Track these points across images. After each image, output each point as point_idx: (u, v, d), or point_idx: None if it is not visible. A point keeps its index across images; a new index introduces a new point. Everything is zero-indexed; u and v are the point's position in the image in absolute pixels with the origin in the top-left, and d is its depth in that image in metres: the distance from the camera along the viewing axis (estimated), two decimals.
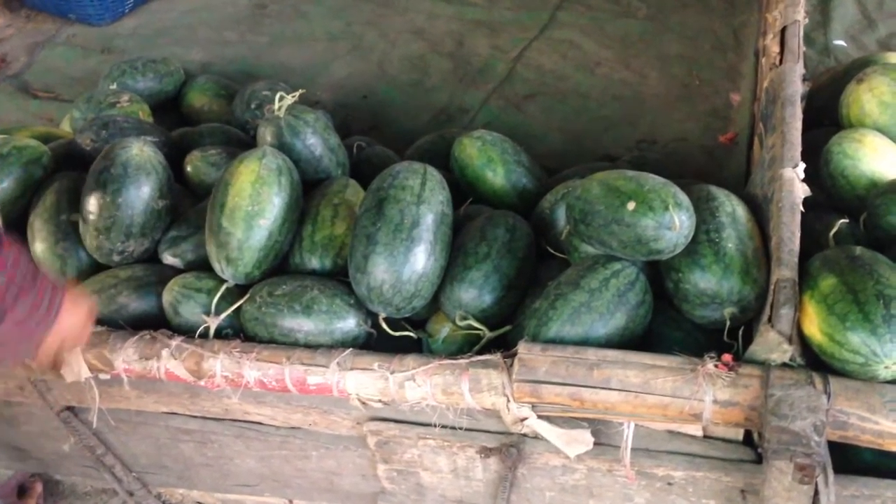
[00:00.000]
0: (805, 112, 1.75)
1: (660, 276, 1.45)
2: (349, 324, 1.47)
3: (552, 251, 1.60)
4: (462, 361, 1.35)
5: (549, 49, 2.66)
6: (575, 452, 1.35)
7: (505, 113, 2.46)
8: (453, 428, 1.42)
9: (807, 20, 1.73)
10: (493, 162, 1.77)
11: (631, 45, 2.63)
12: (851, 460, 1.29)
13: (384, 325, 1.46)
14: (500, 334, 1.48)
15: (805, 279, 1.26)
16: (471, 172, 1.79)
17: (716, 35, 2.61)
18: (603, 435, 1.36)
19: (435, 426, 1.41)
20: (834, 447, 1.22)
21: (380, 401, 1.40)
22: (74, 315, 1.32)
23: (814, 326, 1.21)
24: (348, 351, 1.40)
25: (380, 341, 1.50)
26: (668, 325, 1.44)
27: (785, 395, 1.14)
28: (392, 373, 1.35)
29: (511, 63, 2.62)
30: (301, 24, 2.90)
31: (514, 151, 1.81)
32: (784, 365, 1.22)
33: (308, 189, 1.70)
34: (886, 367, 1.16)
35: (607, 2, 2.80)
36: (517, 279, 1.52)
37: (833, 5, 2.66)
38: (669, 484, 1.34)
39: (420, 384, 1.33)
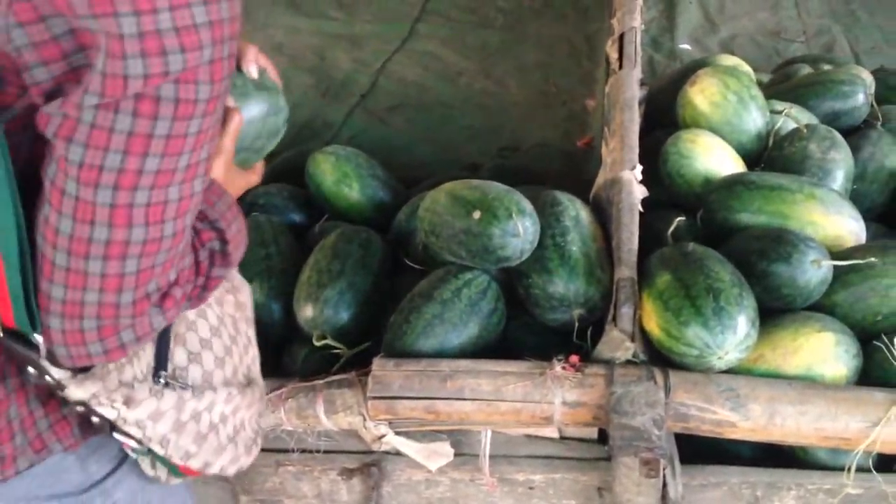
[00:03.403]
0: (648, 114, 1.82)
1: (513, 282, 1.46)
2: None
3: (411, 263, 1.59)
4: (317, 382, 1.32)
5: (411, 61, 2.67)
6: (436, 465, 1.34)
7: (370, 126, 2.44)
8: (313, 451, 1.39)
9: (643, 27, 1.80)
10: (347, 177, 1.75)
11: (490, 54, 2.67)
12: (717, 448, 1.33)
13: None
14: (359, 351, 1.46)
15: (644, 277, 1.30)
16: (326, 189, 1.76)
17: (570, 43, 2.68)
18: (463, 445, 1.35)
19: (293, 451, 1.38)
20: (701, 438, 1.25)
21: None
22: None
23: (652, 322, 1.25)
24: None
25: None
26: (522, 330, 1.45)
27: (625, 392, 1.16)
28: None
29: (374, 76, 2.61)
30: None
31: (368, 165, 1.80)
32: (628, 362, 1.25)
33: None
34: (720, 358, 1.20)
35: (466, 13, 2.84)
36: (373, 294, 1.51)
37: (678, 10, 2.78)
38: (530, 488, 1.35)
39: (272, 409, 1.30)
